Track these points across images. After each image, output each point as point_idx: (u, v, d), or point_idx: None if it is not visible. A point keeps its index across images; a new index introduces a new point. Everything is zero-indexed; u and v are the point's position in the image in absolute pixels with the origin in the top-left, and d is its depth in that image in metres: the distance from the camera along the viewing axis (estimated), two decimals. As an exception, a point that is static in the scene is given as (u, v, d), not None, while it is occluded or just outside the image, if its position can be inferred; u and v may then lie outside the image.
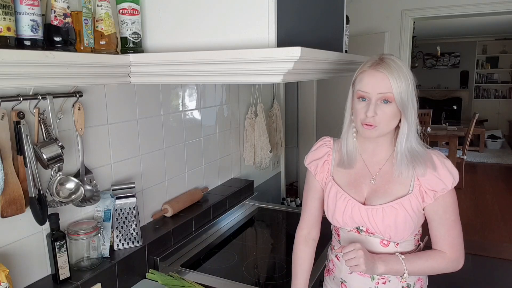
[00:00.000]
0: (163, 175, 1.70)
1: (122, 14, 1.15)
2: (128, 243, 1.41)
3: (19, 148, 1.06)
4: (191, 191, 1.85)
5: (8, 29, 0.84)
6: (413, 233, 1.10)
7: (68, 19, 0.96)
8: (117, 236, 1.39)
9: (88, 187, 1.26)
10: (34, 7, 0.89)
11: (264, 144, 2.32)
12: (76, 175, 1.23)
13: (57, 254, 1.16)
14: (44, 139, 1.12)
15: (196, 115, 1.89)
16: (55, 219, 1.16)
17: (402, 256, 1.07)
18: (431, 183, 1.05)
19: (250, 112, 2.31)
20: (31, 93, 1.08)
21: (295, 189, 4.05)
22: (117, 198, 1.39)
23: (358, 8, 3.60)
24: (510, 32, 7.87)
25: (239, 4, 1.05)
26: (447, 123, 6.35)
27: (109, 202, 1.35)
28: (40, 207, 1.09)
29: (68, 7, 0.96)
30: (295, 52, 0.92)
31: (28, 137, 1.06)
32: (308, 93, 3.74)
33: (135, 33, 1.17)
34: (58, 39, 0.95)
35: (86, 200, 1.25)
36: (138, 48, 1.19)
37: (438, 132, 5.33)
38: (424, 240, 1.17)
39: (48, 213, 1.13)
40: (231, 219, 1.99)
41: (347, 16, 1.61)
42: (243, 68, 1.01)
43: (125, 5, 1.15)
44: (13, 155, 1.04)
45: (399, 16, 3.51)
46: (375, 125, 1.02)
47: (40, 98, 1.08)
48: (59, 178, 1.15)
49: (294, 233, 1.28)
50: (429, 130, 5.44)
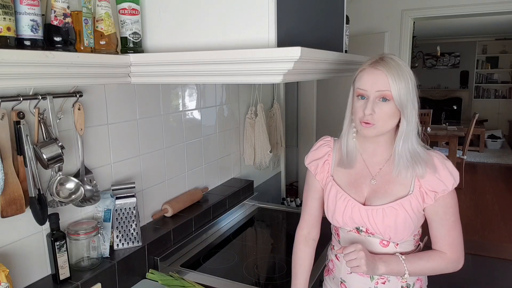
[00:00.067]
0: (163, 175, 1.70)
1: (122, 14, 1.15)
2: (128, 243, 1.41)
3: (19, 148, 1.06)
4: (191, 191, 1.85)
5: (8, 29, 0.84)
6: (413, 233, 1.09)
7: (68, 19, 0.96)
8: (117, 236, 1.39)
9: (88, 187, 1.26)
10: (34, 7, 0.89)
11: (264, 144, 2.32)
12: (76, 175, 1.23)
13: (57, 254, 1.16)
14: (44, 139, 1.12)
15: (196, 115, 1.89)
16: (55, 219, 1.16)
17: (403, 256, 1.07)
18: (432, 184, 1.04)
19: (250, 112, 2.31)
20: (31, 93, 1.08)
21: (295, 189, 4.05)
22: (117, 198, 1.39)
23: (358, 8, 3.60)
24: (510, 32, 7.87)
25: (239, 4, 1.05)
26: (447, 123, 6.35)
27: (109, 202, 1.35)
28: (40, 207, 1.09)
29: (68, 7, 0.96)
30: (295, 52, 0.92)
31: (28, 137, 1.06)
32: (308, 93, 3.74)
33: (135, 33, 1.17)
34: (58, 39, 0.95)
35: (86, 200, 1.25)
36: (138, 48, 1.19)
37: (438, 132, 5.33)
38: (423, 240, 1.17)
39: (48, 213, 1.13)
40: (231, 219, 1.99)
41: (347, 16, 1.61)
42: (243, 68, 1.01)
43: (125, 5, 1.15)
44: (13, 155, 1.04)
45: (399, 16, 3.51)
46: (373, 123, 1.01)
47: (40, 98, 1.08)
48: (59, 178, 1.15)
49: (294, 233, 1.28)
50: (429, 130, 5.44)
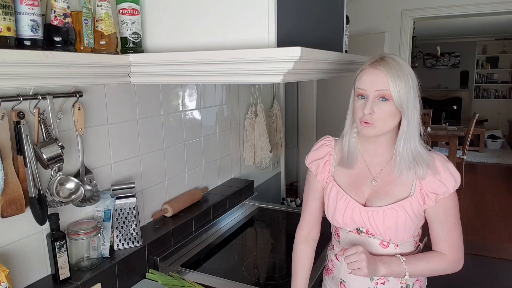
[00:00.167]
0: (163, 175, 1.70)
1: (122, 14, 1.15)
2: (128, 243, 1.41)
3: (19, 148, 1.05)
4: (191, 191, 1.85)
5: (8, 29, 0.83)
6: (413, 234, 1.09)
7: (68, 19, 0.96)
8: (117, 236, 1.39)
9: (88, 187, 1.26)
10: (34, 7, 0.89)
11: (264, 144, 2.32)
12: (76, 175, 1.23)
13: (57, 254, 1.16)
14: (44, 139, 1.12)
15: (196, 115, 1.89)
16: (55, 219, 1.16)
17: (404, 258, 1.07)
18: (433, 186, 1.04)
19: (250, 112, 2.31)
20: (31, 93, 1.08)
21: (295, 189, 4.05)
22: (117, 198, 1.39)
23: (358, 8, 3.60)
24: (510, 32, 7.87)
25: (239, 4, 1.05)
26: (447, 123, 6.35)
27: (109, 202, 1.35)
28: (40, 207, 1.09)
29: (68, 7, 0.96)
30: (295, 52, 0.92)
31: (28, 137, 1.06)
32: (308, 93, 3.74)
33: (135, 33, 1.17)
34: (58, 39, 0.95)
35: (86, 200, 1.25)
36: (138, 48, 1.19)
37: (438, 132, 5.33)
38: (423, 241, 1.17)
39: (48, 213, 1.13)
40: (231, 219, 1.99)
41: (347, 16, 1.61)
42: (243, 68, 1.01)
43: (125, 5, 1.15)
44: (13, 155, 1.04)
45: (399, 16, 3.51)
46: (372, 122, 1.01)
47: (40, 98, 1.08)
48: (59, 178, 1.15)
49: (294, 233, 1.28)
50: (429, 130, 5.44)
